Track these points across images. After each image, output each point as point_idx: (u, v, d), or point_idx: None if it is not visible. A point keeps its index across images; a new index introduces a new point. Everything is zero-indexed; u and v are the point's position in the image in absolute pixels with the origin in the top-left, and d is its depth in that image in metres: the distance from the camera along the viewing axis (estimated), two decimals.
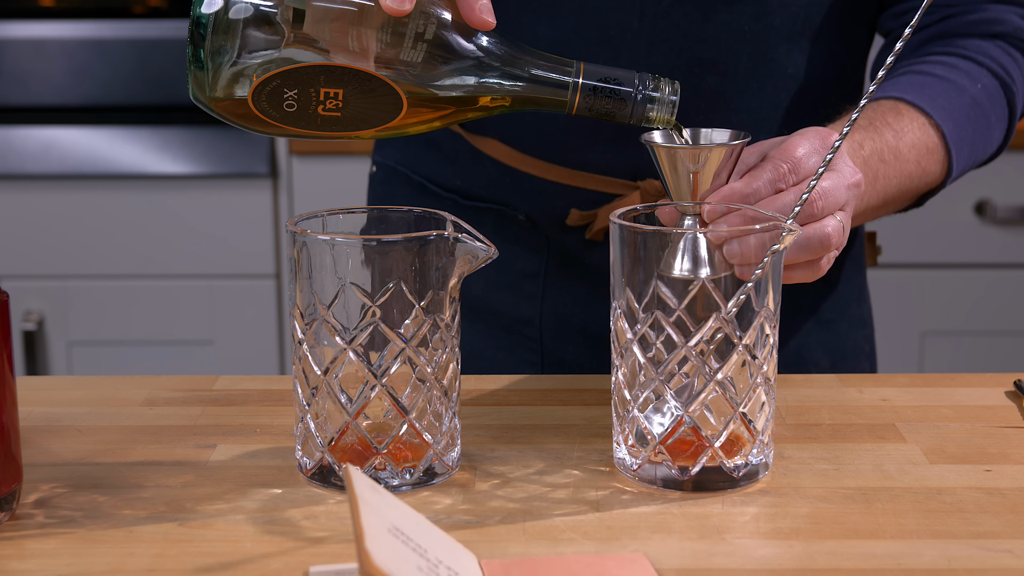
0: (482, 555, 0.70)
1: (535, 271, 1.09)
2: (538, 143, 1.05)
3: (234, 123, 0.80)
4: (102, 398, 0.94)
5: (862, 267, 1.17)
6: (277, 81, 0.76)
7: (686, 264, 0.77)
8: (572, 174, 1.04)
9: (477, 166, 1.08)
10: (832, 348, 1.14)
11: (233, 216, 2.19)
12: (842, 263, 1.14)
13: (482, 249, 0.78)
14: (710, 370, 0.77)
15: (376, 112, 0.78)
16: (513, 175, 1.07)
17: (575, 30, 1.00)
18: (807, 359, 1.11)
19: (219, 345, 2.23)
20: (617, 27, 0.99)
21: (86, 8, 2.20)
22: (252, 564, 0.70)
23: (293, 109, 0.77)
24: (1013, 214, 2.20)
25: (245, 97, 0.78)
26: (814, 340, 1.12)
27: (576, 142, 1.03)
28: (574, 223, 1.05)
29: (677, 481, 0.78)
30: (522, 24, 1.01)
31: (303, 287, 0.78)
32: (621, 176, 1.04)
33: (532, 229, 1.08)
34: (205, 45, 0.76)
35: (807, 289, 1.10)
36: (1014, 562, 0.70)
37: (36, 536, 0.73)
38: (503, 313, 1.11)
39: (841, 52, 1.06)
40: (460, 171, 1.09)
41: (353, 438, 0.79)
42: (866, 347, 1.18)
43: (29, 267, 2.20)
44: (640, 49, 0.99)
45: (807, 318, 1.11)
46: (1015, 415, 0.91)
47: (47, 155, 2.17)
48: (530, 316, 1.10)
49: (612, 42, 1.00)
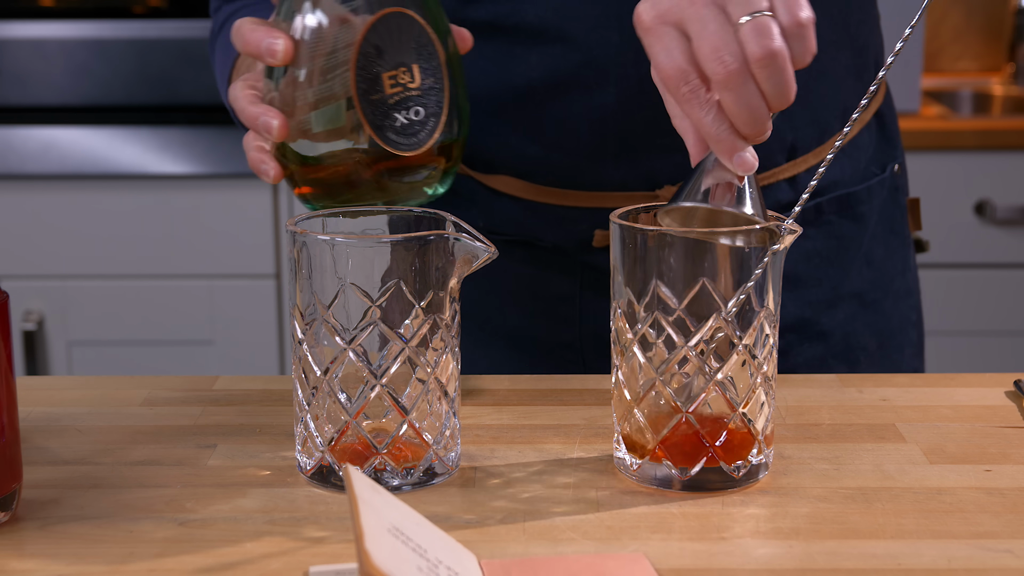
0: (482, 555, 0.70)
1: (569, 294, 1.08)
2: (550, 172, 1.04)
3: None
4: (102, 398, 0.95)
5: (905, 237, 1.15)
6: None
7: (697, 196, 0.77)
8: (590, 196, 1.03)
9: (496, 204, 1.07)
10: (879, 328, 1.12)
11: (233, 216, 2.19)
12: (884, 240, 1.12)
13: (482, 249, 0.78)
14: (710, 370, 0.77)
15: None
16: (532, 208, 1.05)
17: (562, 55, 0.99)
18: (854, 344, 1.10)
19: (219, 345, 2.23)
20: (600, 45, 0.99)
21: (86, 8, 2.20)
22: (252, 564, 0.70)
23: None
24: (1013, 214, 2.20)
25: None
26: (860, 324, 1.11)
27: (587, 164, 1.02)
28: (600, 244, 1.04)
29: (677, 481, 0.78)
30: (515, 56, 1.01)
31: (303, 287, 0.78)
32: (639, 188, 1.03)
33: (562, 256, 1.07)
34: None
35: (848, 275, 1.09)
36: (1014, 562, 0.70)
37: (36, 536, 0.73)
38: (543, 341, 1.09)
39: (842, 13, 1.04)
40: (482, 212, 1.08)
41: (353, 438, 0.79)
42: (912, 316, 1.16)
43: (29, 267, 2.20)
44: (627, 62, 0.98)
45: (851, 303, 1.10)
46: (1015, 415, 0.91)
47: (47, 155, 2.17)
48: (569, 340, 1.09)
49: (598, 61, 0.99)
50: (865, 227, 1.10)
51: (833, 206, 1.08)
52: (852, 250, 1.09)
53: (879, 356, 1.12)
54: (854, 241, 1.09)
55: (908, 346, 1.15)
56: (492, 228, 1.08)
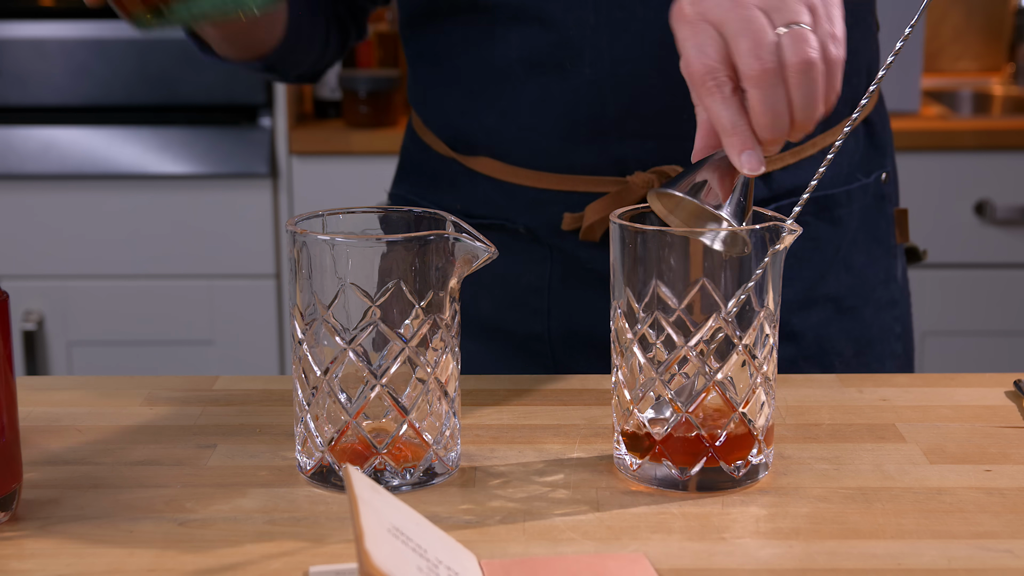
0: (482, 555, 0.70)
1: (540, 286, 1.09)
2: (525, 153, 1.05)
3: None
4: (102, 398, 0.94)
5: (890, 247, 1.15)
6: None
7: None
8: (561, 179, 1.05)
9: (473, 186, 1.09)
10: (856, 336, 1.12)
11: (233, 216, 2.19)
12: (866, 247, 1.12)
13: (482, 249, 0.78)
14: (710, 370, 0.77)
15: None
16: (507, 189, 1.07)
17: (541, 35, 1.01)
18: (828, 349, 1.10)
19: (219, 345, 2.23)
20: (576, 26, 1.00)
21: (86, 8, 2.20)
22: (252, 564, 0.70)
23: None
24: (1013, 214, 2.20)
25: None
26: (835, 329, 1.11)
27: (560, 146, 1.04)
28: (568, 227, 1.05)
29: (677, 481, 0.78)
30: (496, 36, 1.02)
31: (303, 287, 0.78)
32: (608, 174, 1.04)
33: (533, 241, 1.08)
34: None
35: (825, 278, 1.09)
36: (1014, 562, 0.70)
37: (36, 536, 0.73)
38: (513, 332, 1.10)
39: None
40: (460, 194, 1.10)
41: (353, 438, 0.79)
42: (897, 328, 1.15)
43: (29, 267, 2.20)
44: (602, 44, 1.00)
45: (827, 307, 1.10)
46: (1015, 415, 0.91)
47: (47, 155, 2.17)
48: (539, 331, 1.10)
49: (574, 42, 1.00)
50: (843, 231, 1.10)
51: (810, 207, 1.07)
52: (828, 252, 1.09)
53: (856, 364, 1.11)
54: (830, 244, 1.09)
55: (890, 358, 1.15)
56: (467, 211, 1.09)
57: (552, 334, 1.09)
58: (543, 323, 1.09)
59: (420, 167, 1.15)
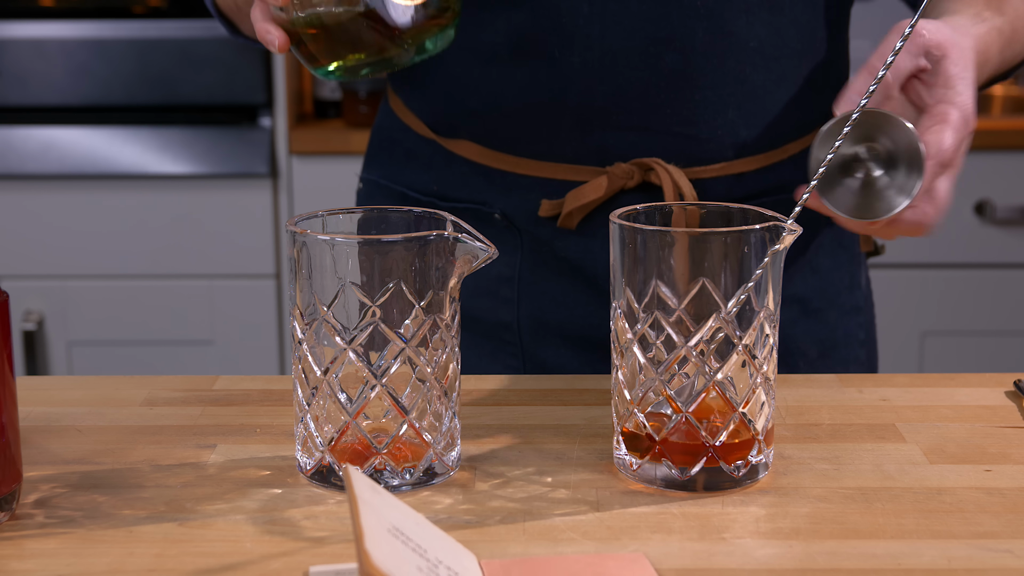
0: (482, 555, 0.70)
1: (510, 275, 1.09)
2: (507, 138, 1.06)
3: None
4: (102, 398, 0.95)
5: (855, 255, 1.16)
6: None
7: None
8: (541, 165, 1.05)
9: (451, 168, 1.09)
10: (820, 337, 1.13)
11: (233, 216, 2.19)
12: (832, 252, 1.13)
13: (482, 249, 0.78)
14: (710, 370, 0.77)
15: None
16: (486, 173, 1.07)
17: (531, 21, 1.01)
18: (793, 349, 1.11)
19: (219, 345, 2.23)
20: (568, 13, 1.00)
21: (86, 8, 2.20)
22: (252, 564, 0.70)
23: None
24: (1013, 214, 2.20)
25: None
26: (800, 330, 1.12)
27: (541, 132, 1.04)
28: (546, 214, 1.06)
29: (677, 481, 0.78)
30: (483, 20, 1.02)
31: (303, 287, 0.78)
32: (588, 163, 1.04)
33: (507, 228, 1.08)
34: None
35: (792, 279, 1.09)
36: (1014, 562, 0.70)
37: (36, 536, 0.73)
38: (483, 320, 1.11)
39: (810, 23, 1.05)
40: (436, 176, 1.10)
41: (353, 438, 0.79)
42: (860, 334, 1.17)
43: (29, 267, 2.20)
44: (593, 33, 1.00)
45: (792, 307, 1.11)
46: (1015, 415, 0.91)
47: (47, 155, 2.17)
48: (508, 321, 1.10)
49: (565, 29, 1.00)
50: (812, 233, 1.10)
51: (779, 208, 1.08)
52: (794, 253, 1.09)
53: (820, 366, 1.13)
54: (798, 245, 1.09)
55: (854, 363, 1.16)
56: (443, 194, 1.09)
57: (521, 323, 1.10)
58: (512, 312, 1.10)
59: (395, 146, 1.15)
